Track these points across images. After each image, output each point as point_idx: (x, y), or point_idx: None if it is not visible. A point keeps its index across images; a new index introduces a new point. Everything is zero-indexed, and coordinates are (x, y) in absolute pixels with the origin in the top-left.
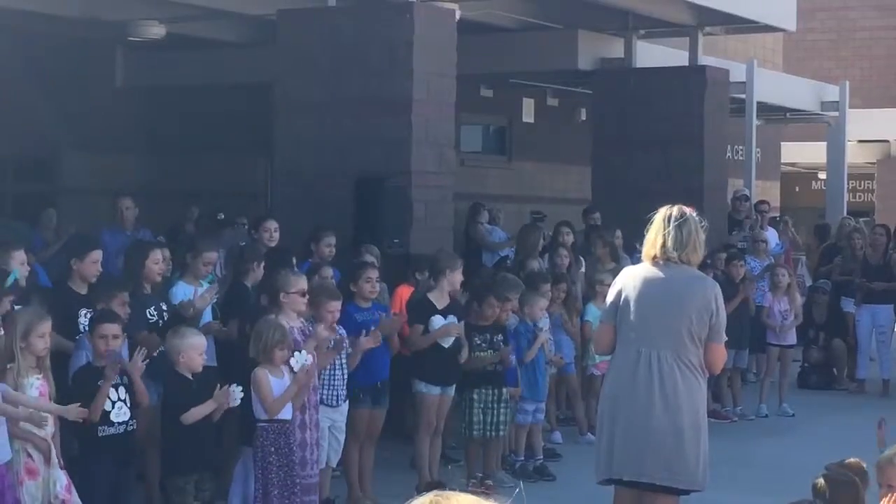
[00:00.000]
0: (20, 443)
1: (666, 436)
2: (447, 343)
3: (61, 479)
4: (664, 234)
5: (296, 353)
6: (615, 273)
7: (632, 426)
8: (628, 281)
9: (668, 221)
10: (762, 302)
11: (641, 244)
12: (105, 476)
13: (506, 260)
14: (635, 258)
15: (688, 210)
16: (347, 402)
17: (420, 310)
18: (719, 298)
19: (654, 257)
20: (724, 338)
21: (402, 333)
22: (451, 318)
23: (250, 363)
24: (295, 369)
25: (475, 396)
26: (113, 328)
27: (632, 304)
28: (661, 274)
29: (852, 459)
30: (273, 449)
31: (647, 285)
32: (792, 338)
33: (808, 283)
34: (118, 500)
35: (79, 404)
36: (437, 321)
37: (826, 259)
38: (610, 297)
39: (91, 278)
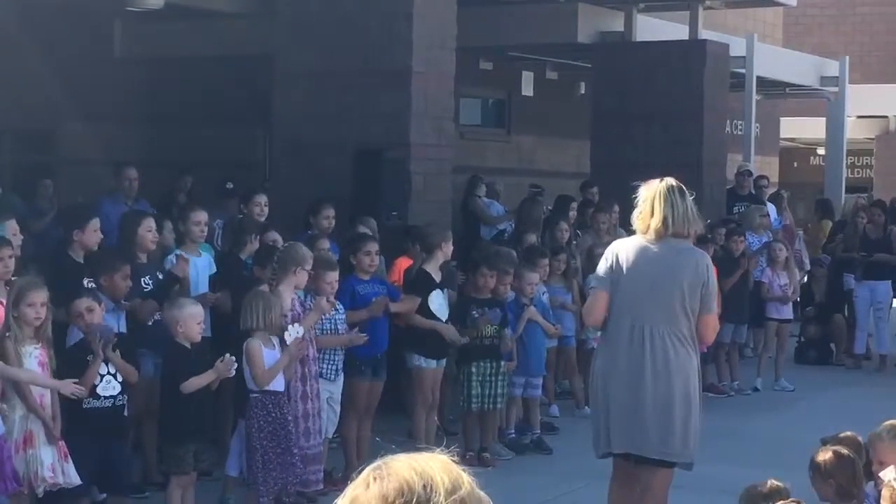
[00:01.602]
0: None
1: (657, 409)
2: (444, 317)
3: (46, 459)
4: (660, 209)
5: (289, 327)
6: None
7: (625, 400)
8: (621, 253)
9: (661, 196)
10: (761, 278)
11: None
12: (89, 449)
13: (503, 234)
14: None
15: (675, 184)
16: (342, 374)
17: (421, 283)
18: (710, 269)
19: (646, 231)
20: (715, 309)
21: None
22: (446, 292)
23: (244, 334)
24: (288, 341)
25: (473, 370)
26: (84, 303)
27: (624, 277)
28: (653, 248)
29: (848, 433)
30: (270, 419)
31: (640, 259)
32: (789, 312)
33: (807, 258)
34: (110, 474)
35: (75, 381)
36: (436, 296)
37: (834, 236)
38: (603, 266)
39: (92, 246)
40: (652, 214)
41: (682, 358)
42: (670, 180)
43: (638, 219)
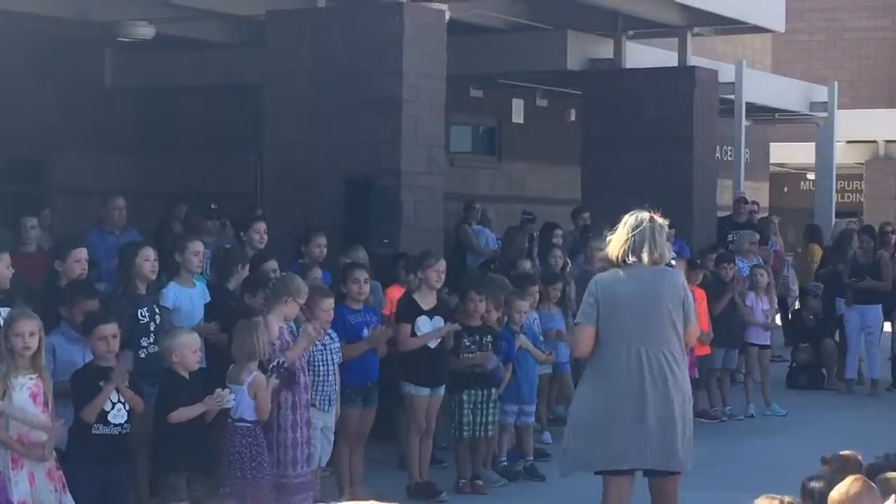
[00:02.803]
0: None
1: (662, 425)
2: (433, 343)
3: (14, 494)
4: (627, 240)
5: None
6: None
7: (630, 419)
8: (603, 286)
9: (629, 229)
10: (746, 302)
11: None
12: (91, 474)
13: (492, 262)
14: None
15: (646, 216)
16: (335, 404)
17: (407, 310)
18: (685, 284)
19: (619, 261)
20: (694, 318)
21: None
22: (437, 320)
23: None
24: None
25: (465, 397)
26: (111, 328)
27: (612, 307)
28: (632, 275)
29: (847, 452)
30: (262, 448)
31: (624, 287)
32: (765, 338)
33: (795, 284)
34: (112, 500)
35: (63, 421)
36: (423, 322)
37: (829, 262)
38: (588, 301)
39: (76, 278)
40: (622, 245)
41: (677, 375)
42: (635, 214)
43: (609, 250)
